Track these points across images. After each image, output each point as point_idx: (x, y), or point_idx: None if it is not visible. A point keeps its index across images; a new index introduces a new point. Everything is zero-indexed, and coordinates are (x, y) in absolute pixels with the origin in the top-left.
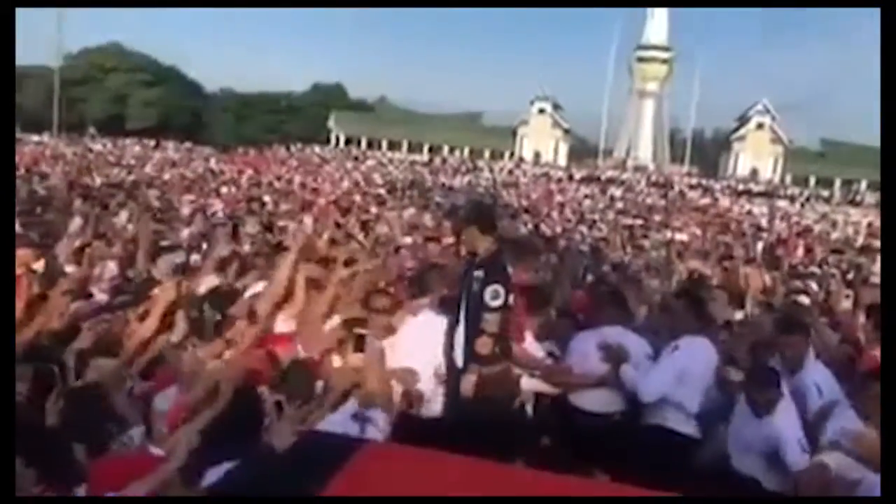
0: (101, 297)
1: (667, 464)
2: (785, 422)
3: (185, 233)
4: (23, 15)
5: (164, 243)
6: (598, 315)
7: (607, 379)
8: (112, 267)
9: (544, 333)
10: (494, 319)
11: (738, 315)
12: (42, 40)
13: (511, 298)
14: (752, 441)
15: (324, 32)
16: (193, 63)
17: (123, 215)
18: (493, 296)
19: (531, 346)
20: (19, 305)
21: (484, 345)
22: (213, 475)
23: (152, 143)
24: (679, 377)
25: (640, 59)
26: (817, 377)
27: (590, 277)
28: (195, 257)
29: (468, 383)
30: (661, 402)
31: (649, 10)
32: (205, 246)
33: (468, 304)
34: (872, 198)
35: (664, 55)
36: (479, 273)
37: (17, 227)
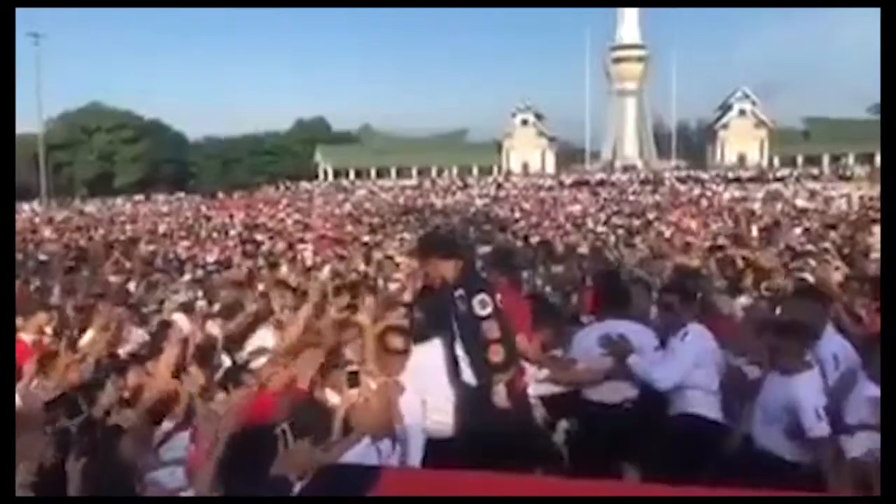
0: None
1: (695, 451)
2: (806, 389)
3: (185, 279)
4: None
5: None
6: (603, 313)
7: (614, 371)
8: (137, 332)
9: (552, 341)
10: (492, 326)
11: (742, 301)
12: (20, 107)
13: (499, 301)
14: (775, 410)
15: (301, 67)
16: (175, 113)
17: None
18: (482, 305)
19: (539, 349)
20: (35, 367)
21: (496, 352)
22: None
23: (142, 197)
24: (696, 362)
25: (616, 60)
26: (835, 347)
27: (588, 280)
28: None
29: (499, 394)
30: (683, 388)
31: (619, 10)
32: (200, 294)
33: (460, 326)
34: (862, 170)
35: (638, 53)
36: (459, 293)
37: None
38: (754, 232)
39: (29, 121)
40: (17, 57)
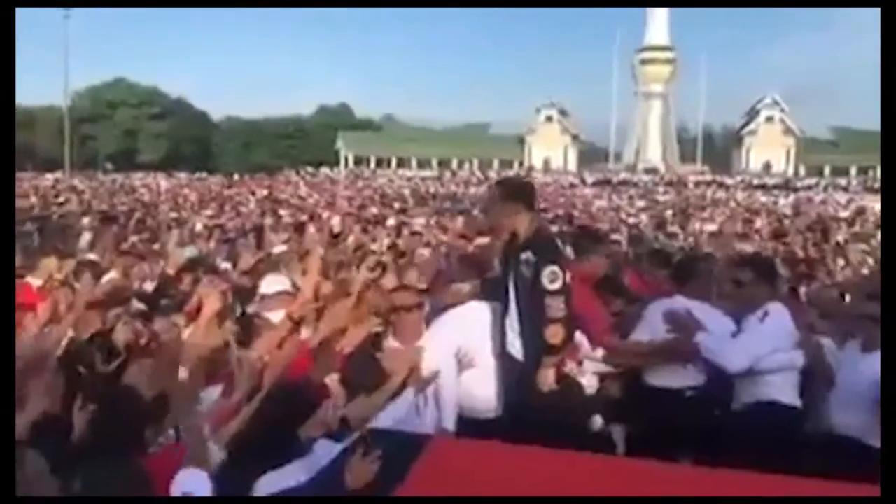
0: (138, 305)
1: (773, 441)
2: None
3: (207, 245)
4: (27, 56)
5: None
6: (665, 290)
7: (678, 352)
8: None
9: (618, 321)
10: (558, 304)
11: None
12: (48, 80)
13: (568, 279)
14: (859, 388)
15: (327, 53)
16: (200, 92)
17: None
18: (552, 278)
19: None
20: (45, 313)
21: (555, 334)
22: (279, 481)
23: (162, 175)
24: (775, 345)
25: (643, 62)
26: None
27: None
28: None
29: (547, 378)
30: (759, 374)
31: (649, 11)
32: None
33: (517, 291)
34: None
35: (667, 55)
36: (527, 255)
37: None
38: (800, 229)
39: (56, 93)
40: (48, 31)
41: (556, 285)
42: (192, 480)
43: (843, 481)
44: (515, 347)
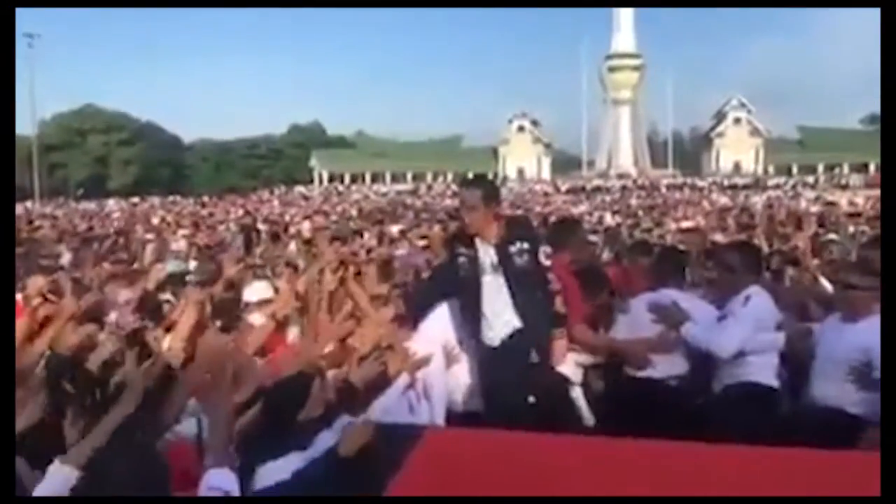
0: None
1: (752, 420)
2: (877, 333)
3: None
4: None
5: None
6: (647, 281)
7: (663, 343)
8: (125, 292)
9: (598, 317)
10: (554, 277)
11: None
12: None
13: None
14: (840, 358)
15: (298, 71)
16: (170, 115)
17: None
18: (547, 255)
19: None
20: (23, 328)
21: (562, 303)
22: (274, 474)
23: (137, 199)
24: (758, 326)
25: (611, 69)
26: None
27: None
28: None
29: (561, 348)
30: (741, 356)
31: (615, 20)
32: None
33: (510, 281)
34: (858, 179)
35: (634, 62)
36: (521, 245)
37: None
38: (774, 220)
39: (23, 122)
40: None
41: (551, 261)
42: (223, 479)
43: (826, 450)
44: (492, 335)
